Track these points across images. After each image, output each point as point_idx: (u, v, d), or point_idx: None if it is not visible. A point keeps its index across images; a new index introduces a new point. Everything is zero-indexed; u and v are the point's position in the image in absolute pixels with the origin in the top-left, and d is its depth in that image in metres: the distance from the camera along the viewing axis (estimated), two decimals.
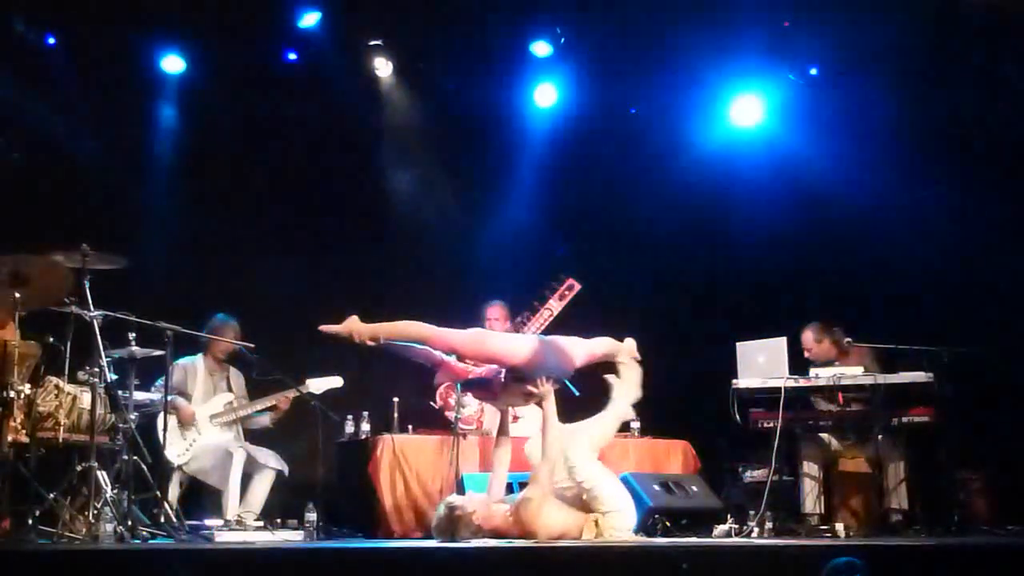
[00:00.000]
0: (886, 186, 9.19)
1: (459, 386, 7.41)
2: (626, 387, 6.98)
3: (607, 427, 6.96)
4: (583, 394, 7.43)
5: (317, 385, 7.88)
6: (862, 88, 9.21)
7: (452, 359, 6.65)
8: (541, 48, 9.44)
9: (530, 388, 6.49)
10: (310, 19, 8.97)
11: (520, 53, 9.48)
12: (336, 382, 7.96)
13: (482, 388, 6.74)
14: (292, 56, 9.25)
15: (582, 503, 6.57)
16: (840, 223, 9.45)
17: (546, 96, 9.78)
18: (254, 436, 8.13)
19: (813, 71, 9.61)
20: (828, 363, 8.04)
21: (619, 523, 6.54)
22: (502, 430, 6.81)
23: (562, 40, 9.36)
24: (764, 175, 9.61)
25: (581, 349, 6.76)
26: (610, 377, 7.06)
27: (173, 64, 8.97)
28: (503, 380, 6.59)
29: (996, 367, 8.09)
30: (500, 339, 6.81)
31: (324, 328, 6.36)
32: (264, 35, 9.05)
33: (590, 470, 6.57)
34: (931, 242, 9.00)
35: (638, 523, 6.85)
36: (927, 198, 8.87)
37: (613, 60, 9.39)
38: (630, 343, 7.12)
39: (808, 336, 8.19)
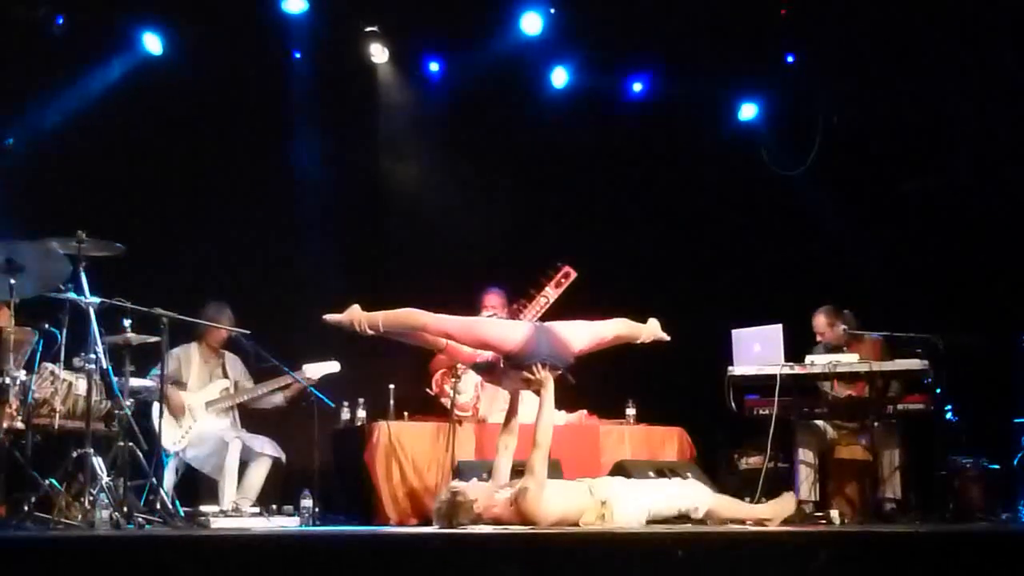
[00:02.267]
0: (882, 171, 9.23)
1: (458, 368, 7.47)
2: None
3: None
4: (580, 385, 7.44)
5: (314, 371, 7.88)
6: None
7: (457, 345, 6.74)
8: (531, 25, 9.36)
9: (526, 374, 6.51)
10: (296, 4, 8.92)
11: (518, 36, 9.45)
12: (333, 367, 7.96)
13: (490, 372, 6.81)
14: (286, 41, 9.21)
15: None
16: (837, 207, 9.48)
17: (550, 79, 9.76)
18: (253, 423, 8.13)
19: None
20: (838, 348, 8.07)
21: (620, 516, 6.55)
22: (510, 414, 6.82)
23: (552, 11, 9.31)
24: (761, 159, 9.65)
25: (585, 334, 6.75)
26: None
27: (154, 44, 8.90)
28: (502, 366, 6.64)
29: (991, 355, 8.10)
30: (493, 326, 6.86)
31: (326, 317, 6.46)
32: (261, 20, 9.01)
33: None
34: (927, 229, 9.04)
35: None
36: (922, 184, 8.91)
37: (612, 42, 9.38)
38: (653, 324, 7.11)
39: (821, 320, 8.21)
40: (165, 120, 8.79)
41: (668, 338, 7.13)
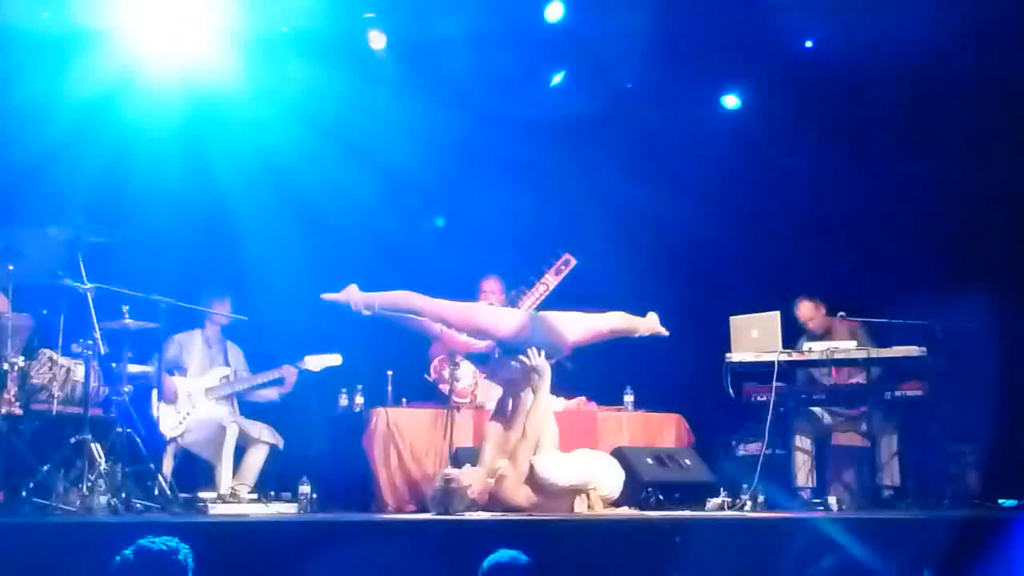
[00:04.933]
0: (878, 158, 9.22)
1: (456, 355, 7.50)
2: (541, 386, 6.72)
3: (550, 423, 6.82)
4: (578, 371, 7.45)
5: (315, 363, 7.87)
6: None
7: (452, 332, 6.77)
8: (553, 12, 9.35)
9: (522, 360, 6.53)
10: None
11: (520, 22, 9.42)
12: (335, 360, 7.95)
13: (485, 361, 6.85)
14: (288, 26, 9.17)
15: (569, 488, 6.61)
16: (834, 193, 9.47)
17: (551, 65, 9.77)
18: (252, 410, 8.13)
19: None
20: (822, 336, 8.08)
21: (604, 491, 6.61)
22: (501, 405, 6.85)
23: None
24: (751, 151, 9.64)
25: (580, 326, 6.77)
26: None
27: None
28: (496, 354, 6.67)
29: (988, 341, 8.11)
30: (487, 312, 6.91)
31: (324, 296, 6.54)
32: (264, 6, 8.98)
33: (567, 472, 6.55)
34: (923, 215, 9.03)
35: (632, 497, 6.91)
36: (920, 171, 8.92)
37: (614, 35, 9.37)
38: (652, 318, 7.14)
39: (809, 308, 8.19)
40: (164, 104, 8.74)
41: (667, 333, 7.15)
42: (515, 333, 6.52)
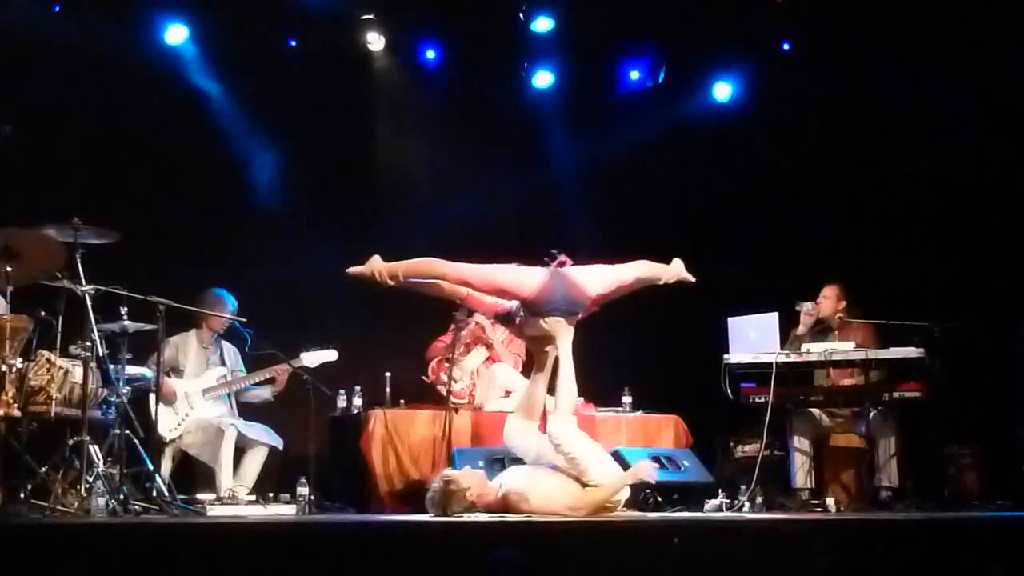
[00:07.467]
0: (876, 157, 9.23)
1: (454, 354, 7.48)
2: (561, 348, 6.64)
3: (569, 386, 6.63)
4: (578, 370, 7.43)
5: (311, 359, 7.86)
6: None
7: (478, 294, 6.83)
8: (541, 23, 9.39)
9: (544, 322, 6.54)
10: None
11: (516, 24, 9.43)
12: (331, 355, 7.94)
13: (511, 321, 6.86)
14: (290, 30, 9.20)
15: (572, 476, 6.57)
16: (831, 195, 9.47)
17: (542, 75, 9.80)
18: (250, 411, 8.12)
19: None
20: (827, 328, 8.07)
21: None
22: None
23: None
24: (750, 149, 9.66)
25: (602, 278, 6.76)
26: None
27: (176, 34, 8.88)
28: (522, 314, 6.68)
29: (986, 342, 8.11)
30: (509, 272, 6.86)
31: (349, 270, 6.63)
32: (263, 9, 9.00)
33: (574, 442, 6.52)
34: (922, 215, 9.04)
35: (630, 498, 6.90)
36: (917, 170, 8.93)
37: (608, 27, 9.39)
38: (677, 264, 7.12)
39: (832, 291, 8.16)
40: (162, 106, 8.76)
41: (693, 279, 7.13)
42: (537, 292, 6.53)
